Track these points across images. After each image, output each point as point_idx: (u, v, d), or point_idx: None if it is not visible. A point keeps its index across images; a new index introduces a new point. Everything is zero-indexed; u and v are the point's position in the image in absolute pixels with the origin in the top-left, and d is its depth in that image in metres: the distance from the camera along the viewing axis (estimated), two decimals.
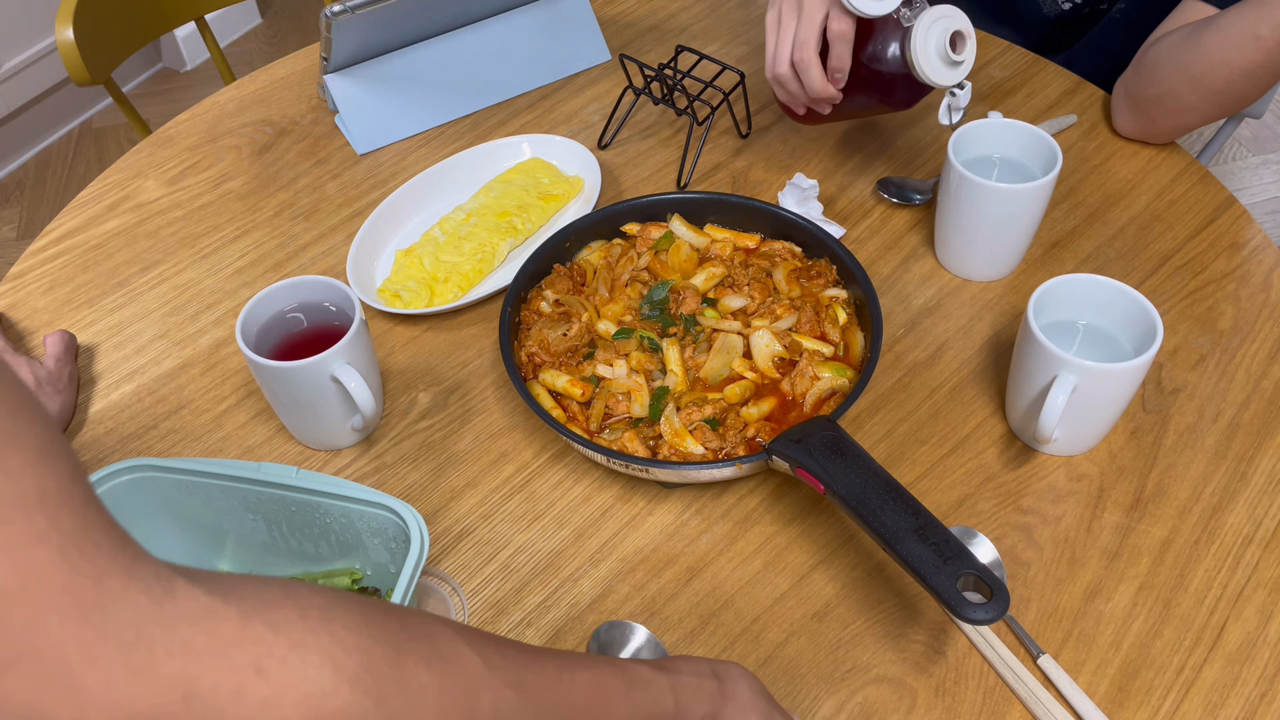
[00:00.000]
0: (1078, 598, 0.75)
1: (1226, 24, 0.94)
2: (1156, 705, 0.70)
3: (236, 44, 2.72)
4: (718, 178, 1.08)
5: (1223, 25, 0.95)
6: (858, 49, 0.90)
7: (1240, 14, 0.93)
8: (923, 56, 0.87)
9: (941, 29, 0.87)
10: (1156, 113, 1.02)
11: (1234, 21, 0.94)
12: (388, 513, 0.70)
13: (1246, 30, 0.92)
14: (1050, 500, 0.81)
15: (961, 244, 0.95)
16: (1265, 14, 0.91)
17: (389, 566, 0.74)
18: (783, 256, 0.92)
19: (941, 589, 0.65)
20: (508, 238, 1.00)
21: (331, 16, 1.00)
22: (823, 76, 0.91)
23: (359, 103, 1.12)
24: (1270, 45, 0.92)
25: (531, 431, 0.87)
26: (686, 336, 0.87)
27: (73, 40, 1.23)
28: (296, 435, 0.87)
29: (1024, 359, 0.80)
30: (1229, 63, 0.94)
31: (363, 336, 0.82)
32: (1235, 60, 0.94)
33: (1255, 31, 0.92)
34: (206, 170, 1.11)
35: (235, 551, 0.76)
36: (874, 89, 0.93)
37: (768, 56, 0.94)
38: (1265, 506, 0.80)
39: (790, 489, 0.82)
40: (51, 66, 2.39)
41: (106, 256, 1.03)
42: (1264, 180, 2.26)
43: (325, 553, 0.75)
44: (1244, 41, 0.93)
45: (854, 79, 0.92)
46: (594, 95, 1.17)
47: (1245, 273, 0.96)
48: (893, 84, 0.92)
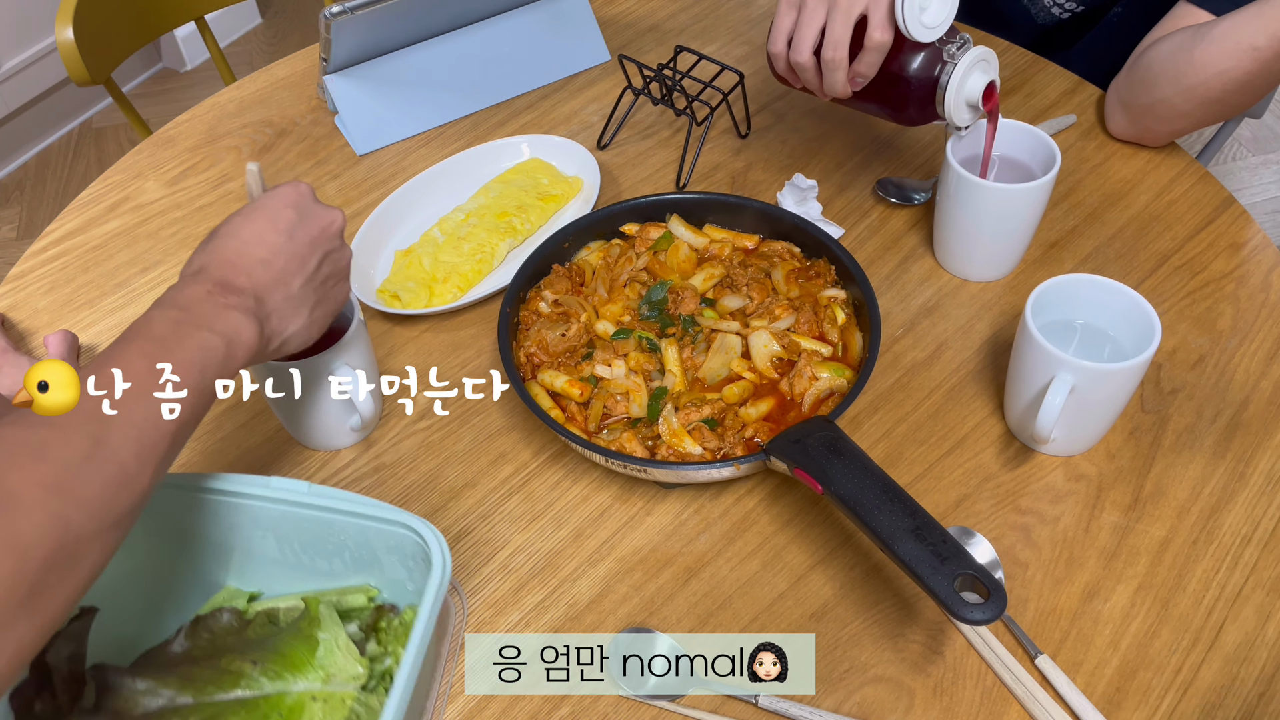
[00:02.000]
0: (1076, 598, 0.75)
1: (1222, 34, 0.93)
2: (1154, 705, 0.70)
3: (236, 44, 2.73)
4: (717, 178, 1.08)
5: (1218, 36, 0.94)
6: (885, 60, 0.86)
7: (1236, 25, 0.93)
8: (954, 97, 0.86)
9: (979, 75, 0.86)
10: (1150, 119, 1.02)
11: (1230, 32, 0.93)
12: (407, 530, 0.66)
13: (1244, 41, 0.92)
14: (1048, 500, 0.81)
15: (960, 244, 0.95)
16: (1262, 25, 0.91)
17: (406, 584, 0.71)
18: (781, 257, 0.92)
19: (939, 589, 0.65)
20: (507, 238, 1.00)
21: (331, 17, 1.00)
22: (846, 79, 0.87)
23: (359, 103, 1.12)
24: (1267, 56, 0.91)
25: (530, 432, 0.87)
26: (685, 337, 0.87)
27: (73, 40, 1.23)
28: (296, 436, 0.87)
29: (1022, 359, 0.80)
30: (1225, 73, 0.94)
31: (362, 337, 0.82)
32: (1231, 71, 0.93)
33: (1252, 43, 0.91)
34: (206, 171, 1.11)
35: (241, 566, 0.74)
36: (888, 102, 0.90)
37: (778, 35, 0.88)
38: (1264, 507, 0.80)
39: (788, 489, 0.82)
40: (51, 66, 2.39)
41: (107, 257, 1.03)
42: (1264, 180, 2.26)
43: (339, 569, 0.72)
44: (1240, 52, 0.92)
45: (871, 85, 0.88)
46: (593, 95, 1.17)
47: (1244, 273, 0.96)
48: (909, 104, 0.89)
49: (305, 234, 0.70)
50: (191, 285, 0.65)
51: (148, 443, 0.57)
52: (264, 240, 0.68)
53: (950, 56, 0.86)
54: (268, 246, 0.68)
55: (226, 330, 0.63)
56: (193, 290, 0.64)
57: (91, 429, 0.55)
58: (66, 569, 0.52)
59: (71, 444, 0.54)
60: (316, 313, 0.72)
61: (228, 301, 0.64)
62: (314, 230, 0.71)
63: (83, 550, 0.53)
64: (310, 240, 0.70)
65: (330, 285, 0.73)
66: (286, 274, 0.68)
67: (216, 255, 0.67)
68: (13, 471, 0.52)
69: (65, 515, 0.52)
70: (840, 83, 0.87)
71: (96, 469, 0.54)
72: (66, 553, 0.52)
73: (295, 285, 0.69)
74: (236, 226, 0.68)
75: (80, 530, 0.53)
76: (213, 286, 0.65)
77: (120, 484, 0.55)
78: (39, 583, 0.50)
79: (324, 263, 0.71)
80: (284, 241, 0.69)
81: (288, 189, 0.71)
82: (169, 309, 0.63)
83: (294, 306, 0.69)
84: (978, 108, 0.87)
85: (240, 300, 0.65)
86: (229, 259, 0.67)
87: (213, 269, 0.66)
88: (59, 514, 0.52)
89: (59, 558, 0.51)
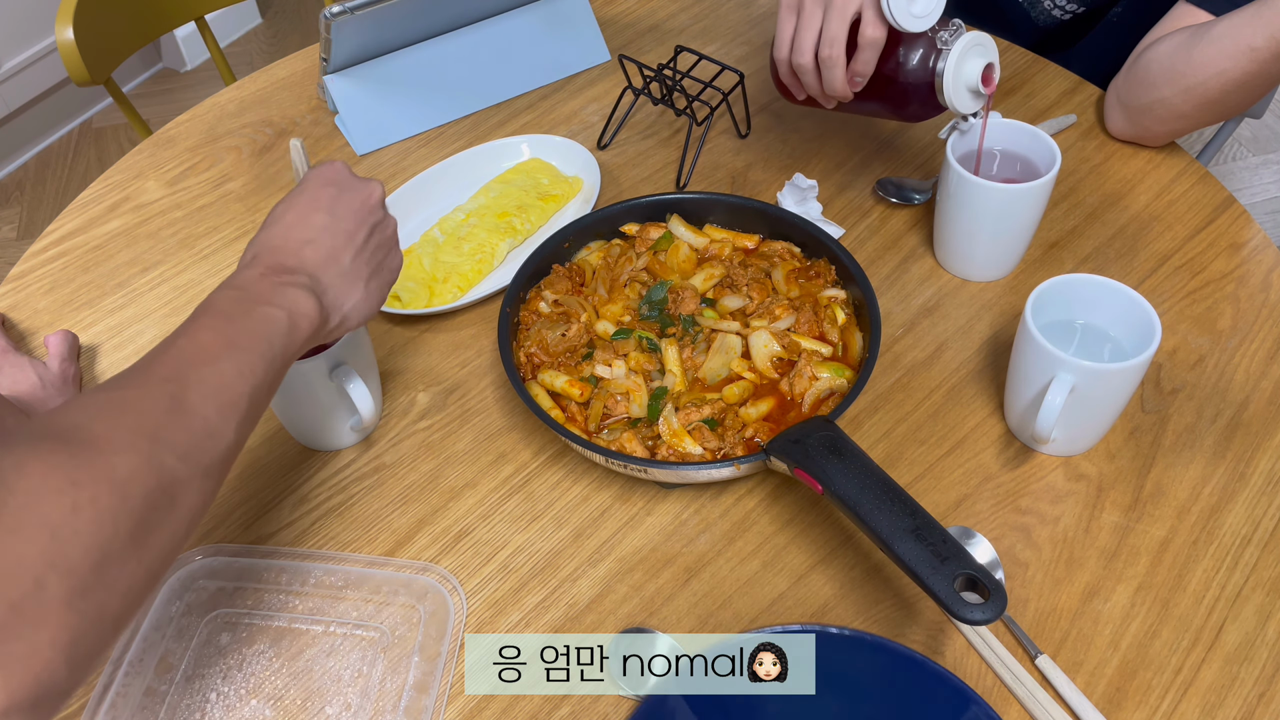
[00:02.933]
0: (1076, 598, 0.75)
1: (1220, 35, 0.94)
2: (1154, 706, 0.70)
3: (236, 44, 2.73)
4: (717, 178, 1.08)
5: (1217, 36, 0.94)
6: (883, 57, 0.87)
7: (1235, 25, 0.93)
8: (953, 83, 0.86)
9: (976, 59, 0.86)
10: (1149, 119, 1.02)
11: (1228, 33, 0.93)
12: None
13: (1242, 42, 0.92)
14: (1049, 500, 0.81)
15: (960, 244, 0.95)
16: (1260, 26, 0.91)
17: None
18: (782, 257, 0.92)
19: (938, 589, 0.65)
20: (507, 238, 1.00)
21: (331, 18, 1.00)
22: (845, 77, 0.87)
23: (359, 103, 1.12)
24: (1265, 57, 0.91)
25: (530, 432, 0.87)
26: (685, 337, 0.87)
27: (73, 40, 1.23)
28: (296, 435, 0.87)
29: (1022, 359, 0.80)
30: (1223, 74, 0.94)
31: (362, 337, 0.82)
32: (1230, 71, 0.93)
33: (1250, 44, 0.91)
34: (207, 171, 1.11)
35: None
36: (890, 99, 0.90)
37: (782, 40, 0.89)
38: (1264, 507, 0.80)
39: (788, 489, 0.82)
40: (51, 66, 2.39)
41: (107, 257, 1.03)
42: (1264, 180, 2.26)
43: None
44: (1239, 53, 0.92)
45: (872, 84, 0.88)
46: (593, 95, 1.17)
47: (1244, 273, 0.96)
48: (910, 98, 0.89)
49: (347, 209, 0.72)
50: (247, 271, 0.67)
51: (225, 401, 0.59)
52: (308, 221, 0.70)
53: (944, 44, 0.86)
54: (313, 227, 0.70)
55: (285, 304, 0.65)
56: (248, 275, 0.66)
57: (170, 389, 0.57)
58: (166, 509, 0.54)
59: (154, 399, 0.56)
60: (372, 284, 0.73)
61: (282, 280, 0.66)
62: (355, 204, 0.72)
63: (179, 493, 0.54)
64: (353, 214, 0.72)
65: (381, 255, 0.74)
66: (335, 250, 0.70)
67: (265, 243, 0.69)
68: (100, 421, 0.53)
69: (158, 457, 0.53)
70: (840, 81, 0.87)
71: (181, 420, 0.56)
72: (164, 493, 0.53)
73: (346, 260, 0.71)
74: (281, 213, 0.70)
75: (174, 473, 0.54)
76: (266, 269, 0.67)
77: (205, 434, 0.57)
78: (142, 520, 0.52)
79: (372, 234, 0.73)
80: (327, 219, 0.70)
81: (324, 168, 0.73)
82: (228, 290, 0.65)
83: (348, 281, 0.71)
84: (979, 92, 0.87)
85: (295, 278, 0.67)
86: (277, 244, 0.68)
87: (264, 256, 0.68)
88: (151, 455, 0.53)
89: (157, 497, 0.53)
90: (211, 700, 0.72)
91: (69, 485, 0.49)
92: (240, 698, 0.72)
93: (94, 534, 0.49)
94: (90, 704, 0.71)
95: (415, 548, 0.80)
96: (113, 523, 0.50)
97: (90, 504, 0.50)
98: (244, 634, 0.75)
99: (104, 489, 0.50)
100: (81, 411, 0.54)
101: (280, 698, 0.72)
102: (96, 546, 0.49)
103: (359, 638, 0.75)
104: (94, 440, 0.52)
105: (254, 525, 0.82)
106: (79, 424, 0.53)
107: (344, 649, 0.74)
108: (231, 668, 0.73)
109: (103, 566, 0.50)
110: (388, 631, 0.75)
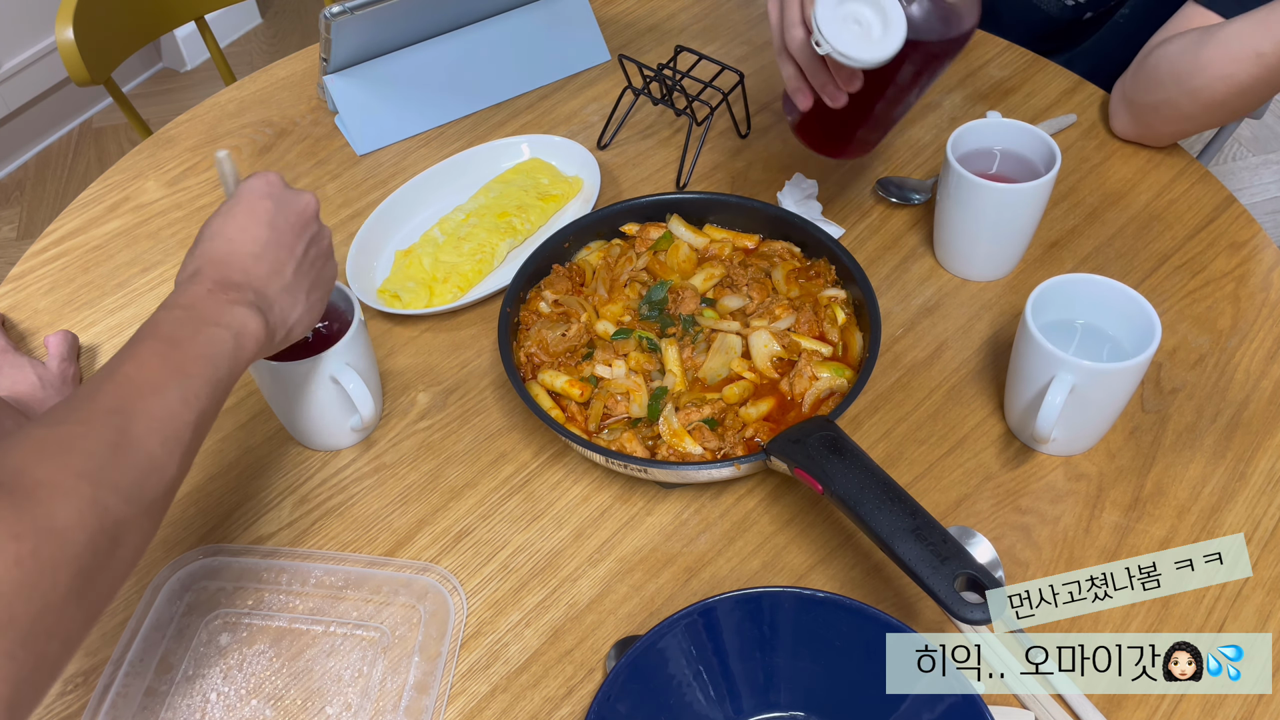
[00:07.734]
0: None
1: (1228, 38, 0.94)
2: (1154, 705, 0.70)
3: (236, 44, 2.72)
4: (717, 178, 1.08)
5: (1224, 40, 0.94)
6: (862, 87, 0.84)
7: (1242, 29, 0.93)
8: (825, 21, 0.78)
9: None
10: (1154, 120, 1.02)
11: (1236, 36, 0.93)
12: None
13: (1249, 46, 0.92)
14: (1049, 500, 0.81)
15: (960, 244, 0.95)
16: (1267, 30, 0.91)
17: None
18: (782, 256, 0.92)
19: (938, 589, 0.65)
20: (507, 238, 1.00)
21: (331, 18, 1.00)
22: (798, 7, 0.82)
23: (359, 103, 1.12)
24: (1272, 62, 0.91)
25: (530, 432, 0.87)
26: (685, 337, 0.87)
27: (73, 40, 1.23)
28: (296, 436, 0.87)
29: (1022, 359, 0.80)
30: (1230, 77, 0.94)
31: (362, 337, 0.82)
32: (1236, 75, 0.94)
33: (1257, 48, 0.91)
34: (207, 171, 1.11)
35: None
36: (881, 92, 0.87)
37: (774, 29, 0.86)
38: (1264, 506, 0.80)
39: (788, 489, 0.82)
40: (51, 66, 2.39)
41: (107, 257, 1.03)
42: (1264, 180, 2.26)
43: None
44: (1246, 57, 0.92)
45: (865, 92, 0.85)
46: (593, 95, 1.17)
47: (1245, 272, 0.96)
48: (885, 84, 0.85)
49: (285, 222, 0.71)
50: (191, 287, 0.66)
51: (170, 433, 0.58)
52: (249, 235, 0.69)
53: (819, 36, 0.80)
54: (254, 240, 0.69)
55: (232, 324, 0.64)
56: (194, 291, 0.65)
57: (116, 421, 0.56)
58: (108, 553, 0.53)
59: (97, 436, 0.55)
60: (313, 295, 0.73)
61: (229, 298, 0.65)
62: (293, 217, 0.72)
63: (122, 534, 0.54)
64: (291, 227, 0.71)
65: (319, 266, 0.74)
66: (278, 263, 0.70)
67: (207, 257, 0.68)
68: (43, 464, 0.53)
69: (101, 500, 0.53)
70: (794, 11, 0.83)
71: (124, 457, 0.55)
72: (107, 536, 0.53)
73: (289, 273, 0.70)
74: (219, 226, 0.69)
75: (117, 514, 0.54)
76: (212, 285, 0.66)
77: (149, 469, 0.57)
78: (84, 568, 0.51)
79: (310, 246, 0.73)
80: (268, 233, 0.70)
81: (257, 181, 0.72)
82: (173, 310, 0.64)
83: (292, 294, 0.71)
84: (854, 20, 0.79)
85: (241, 295, 0.66)
86: (220, 258, 0.68)
87: (207, 270, 0.67)
88: (94, 499, 0.53)
89: (100, 541, 0.52)
90: (212, 700, 0.72)
91: (10, 539, 0.48)
92: (240, 698, 0.72)
93: (34, 585, 0.49)
94: (91, 704, 0.71)
95: (415, 548, 0.80)
96: (53, 573, 0.50)
97: (31, 557, 0.49)
98: (244, 634, 0.75)
99: (45, 540, 0.50)
100: (22, 454, 0.53)
101: (280, 698, 0.72)
102: (38, 597, 0.49)
103: (359, 638, 0.75)
104: (35, 488, 0.51)
105: (254, 525, 0.82)
106: (20, 468, 0.52)
107: (344, 649, 0.74)
108: (232, 668, 0.73)
109: (44, 616, 0.49)
110: (388, 631, 0.75)
